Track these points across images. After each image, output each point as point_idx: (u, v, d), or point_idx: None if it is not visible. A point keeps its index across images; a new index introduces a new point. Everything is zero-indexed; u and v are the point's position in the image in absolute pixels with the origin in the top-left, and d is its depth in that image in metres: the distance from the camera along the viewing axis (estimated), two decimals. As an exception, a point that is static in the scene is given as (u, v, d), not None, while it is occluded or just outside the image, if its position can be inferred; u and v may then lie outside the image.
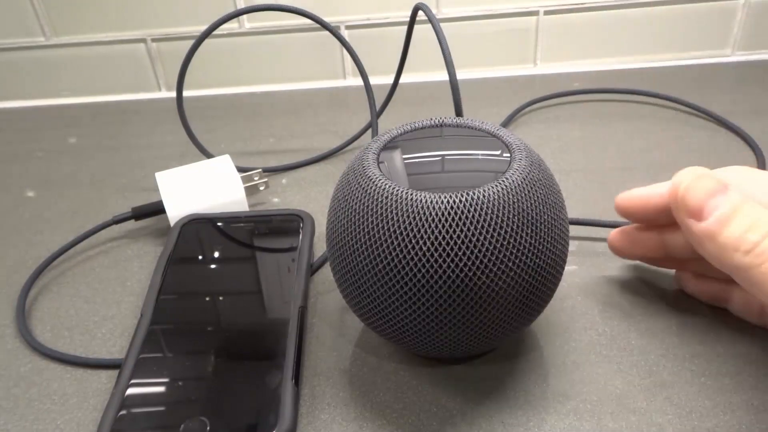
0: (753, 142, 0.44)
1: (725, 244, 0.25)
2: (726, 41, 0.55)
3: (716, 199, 0.26)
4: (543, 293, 0.26)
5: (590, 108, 0.50)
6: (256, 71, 0.57)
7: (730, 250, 0.25)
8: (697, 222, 0.26)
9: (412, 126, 0.29)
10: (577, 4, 0.53)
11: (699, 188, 0.26)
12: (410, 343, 0.27)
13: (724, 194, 0.26)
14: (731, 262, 0.25)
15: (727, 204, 0.26)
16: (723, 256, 0.25)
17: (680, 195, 0.27)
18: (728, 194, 0.26)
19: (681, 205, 0.27)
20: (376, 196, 0.25)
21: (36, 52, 0.56)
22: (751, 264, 0.24)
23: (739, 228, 0.25)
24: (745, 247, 0.25)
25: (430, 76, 0.56)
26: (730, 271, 0.25)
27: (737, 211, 0.25)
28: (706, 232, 0.26)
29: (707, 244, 0.26)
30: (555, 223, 0.26)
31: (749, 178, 0.28)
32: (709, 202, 0.26)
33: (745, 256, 0.25)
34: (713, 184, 0.26)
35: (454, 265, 0.24)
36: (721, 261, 0.26)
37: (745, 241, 0.25)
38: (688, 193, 0.27)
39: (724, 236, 0.25)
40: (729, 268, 0.25)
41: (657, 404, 0.27)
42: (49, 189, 0.45)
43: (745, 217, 0.25)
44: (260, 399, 0.27)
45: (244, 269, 0.34)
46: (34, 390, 0.30)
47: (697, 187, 0.26)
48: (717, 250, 0.25)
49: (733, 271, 0.25)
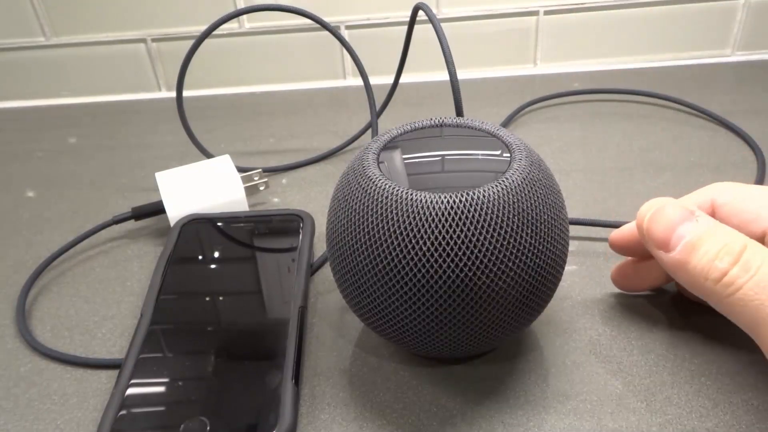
0: (753, 142, 0.44)
1: (695, 272, 0.24)
2: (726, 41, 0.55)
3: (682, 227, 0.25)
4: (543, 293, 0.26)
5: (590, 108, 0.50)
6: (256, 71, 0.57)
7: (700, 278, 0.24)
8: (666, 253, 0.25)
9: (412, 126, 0.29)
10: (577, 4, 0.53)
11: (663, 218, 0.26)
12: (410, 343, 0.27)
13: (690, 221, 0.25)
14: (703, 291, 0.24)
15: (693, 231, 0.25)
16: (695, 284, 0.25)
17: (645, 228, 0.26)
18: (695, 221, 0.25)
19: (647, 238, 0.26)
20: (376, 196, 0.25)
21: (36, 52, 0.56)
22: (721, 293, 0.24)
23: (707, 255, 0.24)
24: (714, 275, 0.24)
25: (430, 76, 0.56)
26: (705, 299, 0.25)
27: (705, 237, 0.24)
28: (675, 263, 0.25)
29: (679, 273, 0.25)
30: (555, 223, 0.26)
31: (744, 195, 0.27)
32: (676, 230, 0.25)
33: (715, 284, 0.24)
34: (677, 212, 0.25)
35: (454, 265, 0.24)
36: (696, 290, 0.25)
37: (714, 269, 0.24)
38: (652, 225, 0.26)
39: (692, 265, 0.24)
40: (703, 296, 0.25)
41: (657, 404, 0.27)
42: (49, 189, 0.45)
43: (714, 243, 0.24)
44: (260, 399, 0.27)
45: (244, 269, 0.34)
46: (34, 390, 0.30)
47: (661, 218, 0.26)
48: (689, 278, 0.25)
49: (708, 299, 0.25)
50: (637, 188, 0.40)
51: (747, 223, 0.26)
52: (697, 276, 0.24)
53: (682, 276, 0.25)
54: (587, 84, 0.53)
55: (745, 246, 0.24)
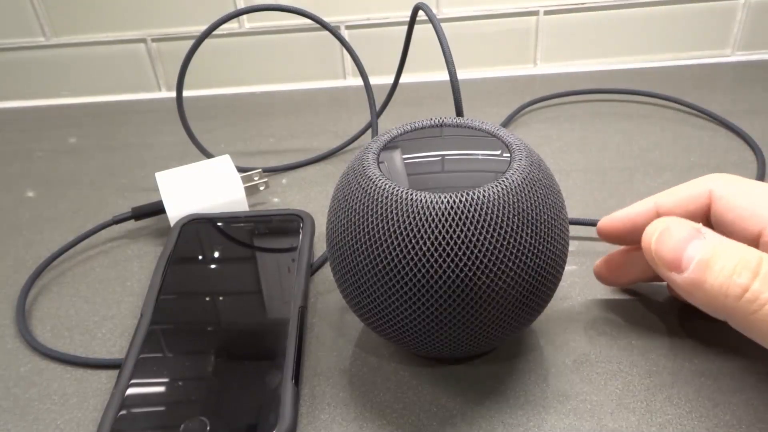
0: (753, 141, 0.44)
1: (712, 291, 0.23)
2: (726, 41, 0.55)
3: (692, 246, 0.24)
4: (543, 293, 0.26)
5: (590, 108, 0.50)
6: (256, 71, 0.57)
7: (719, 296, 0.23)
8: (679, 273, 0.24)
9: (412, 126, 0.29)
10: (577, 4, 0.53)
11: (670, 239, 0.25)
12: (410, 343, 0.27)
13: (698, 239, 0.24)
14: (723, 309, 0.23)
15: (705, 248, 0.24)
16: (714, 303, 0.23)
17: (654, 250, 0.25)
18: (704, 238, 0.24)
19: (657, 260, 0.25)
20: (376, 196, 0.25)
21: (36, 52, 0.56)
22: (746, 309, 0.22)
23: (723, 272, 0.23)
24: (734, 292, 0.23)
25: (430, 76, 0.56)
26: (725, 318, 0.24)
27: (717, 254, 0.23)
28: (689, 283, 0.24)
29: (695, 293, 0.24)
30: (555, 223, 0.26)
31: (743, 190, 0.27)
32: (686, 249, 0.24)
33: (737, 301, 0.23)
34: (684, 231, 0.24)
35: (454, 265, 0.24)
36: (714, 309, 0.24)
37: (734, 285, 0.23)
38: (660, 247, 0.25)
39: (709, 283, 0.23)
40: (723, 315, 0.24)
41: (657, 404, 0.27)
42: (49, 189, 0.45)
43: (729, 259, 0.23)
44: (260, 399, 0.27)
45: (244, 269, 0.34)
46: (34, 390, 0.30)
47: (668, 238, 0.25)
48: (706, 297, 0.24)
49: (729, 317, 0.23)
50: (637, 188, 0.40)
51: (743, 219, 0.26)
52: (716, 294, 0.23)
53: (698, 295, 0.24)
54: (587, 84, 0.53)
55: (761, 259, 0.23)
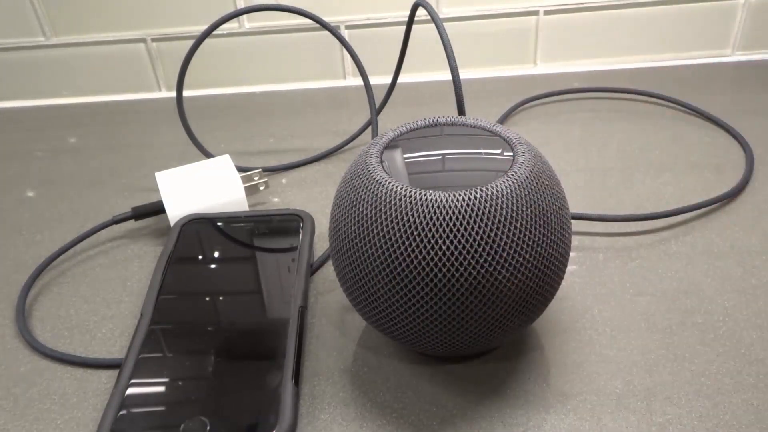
0: (747, 142, 0.44)
1: None
2: (726, 41, 0.55)
3: None
4: (555, 282, 0.27)
5: (590, 107, 0.50)
6: (256, 71, 0.57)
7: None
8: None
9: (412, 126, 0.29)
10: (577, 4, 0.53)
11: None
12: (419, 342, 0.27)
13: None
14: None
15: None
16: None
17: None
18: None
19: None
20: (388, 199, 0.25)
21: (36, 52, 0.56)
22: None
23: None
24: None
25: (429, 75, 0.56)
26: None
27: None
28: None
29: None
30: (562, 213, 0.26)
31: None
32: None
33: None
34: None
35: (474, 261, 0.24)
36: None
37: None
38: None
39: None
40: None
41: (657, 404, 0.27)
42: (49, 189, 0.45)
43: None
44: (260, 399, 0.27)
45: (244, 269, 0.34)
46: (34, 390, 0.30)
47: None
48: None
49: None
50: (637, 188, 0.40)
51: None
52: None
53: None
54: (587, 84, 0.53)
55: None
